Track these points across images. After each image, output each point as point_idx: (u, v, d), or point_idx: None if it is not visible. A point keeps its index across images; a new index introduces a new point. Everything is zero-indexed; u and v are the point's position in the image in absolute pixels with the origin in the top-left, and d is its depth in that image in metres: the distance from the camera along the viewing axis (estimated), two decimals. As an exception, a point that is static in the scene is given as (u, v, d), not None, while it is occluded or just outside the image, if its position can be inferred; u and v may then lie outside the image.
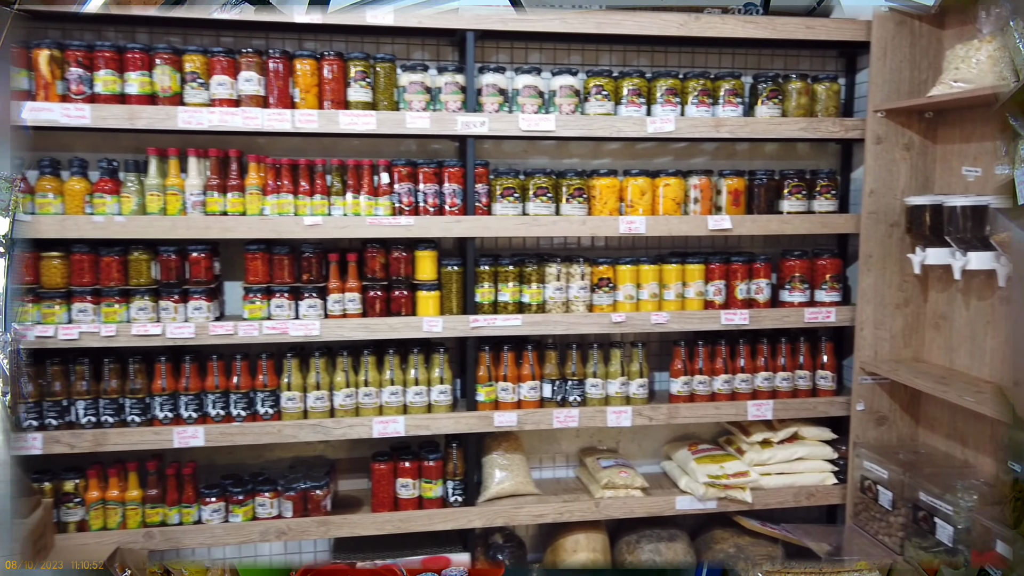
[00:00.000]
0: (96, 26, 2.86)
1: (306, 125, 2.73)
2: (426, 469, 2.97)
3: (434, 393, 2.96)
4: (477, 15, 2.81)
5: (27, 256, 2.67)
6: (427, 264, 2.92)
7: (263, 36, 2.98)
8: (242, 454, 3.14)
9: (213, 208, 2.75)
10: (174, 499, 2.81)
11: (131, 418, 2.76)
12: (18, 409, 2.70)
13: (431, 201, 2.89)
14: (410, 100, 2.85)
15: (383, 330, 2.86)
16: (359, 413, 2.92)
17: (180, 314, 2.76)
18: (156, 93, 2.69)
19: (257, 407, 2.84)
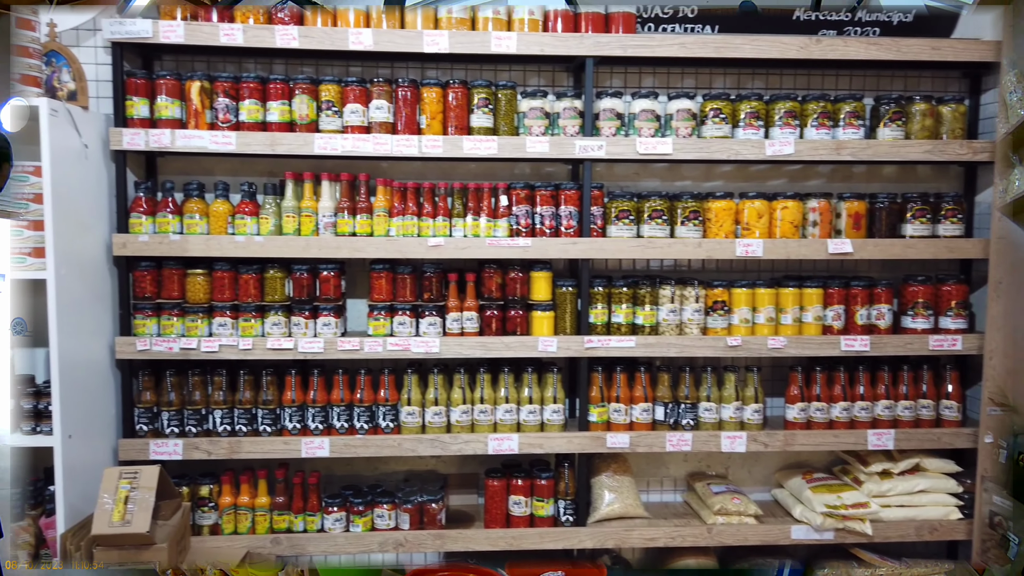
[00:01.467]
0: (236, 58, 3.06)
1: (432, 150, 2.84)
2: (538, 487, 3.00)
3: (547, 412, 3.00)
4: (597, 42, 2.87)
5: (174, 273, 2.86)
6: (542, 285, 2.98)
7: (388, 65, 3.13)
8: (359, 466, 3.25)
9: (343, 229, 2.88)
10: (299, 507, 2.94)
11: (263, 428, 2.91)
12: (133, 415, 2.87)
13: (548, 223, 2.95)
14: (530, 125, 2.92)
15: (499, 349, 2.92)
16: (474, 429, 2.98)
17: (310, 329, 2.90)
18: (294, 120, 2.85)
19: (379, 421, 2.94)
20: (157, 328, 2.84)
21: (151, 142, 2.75)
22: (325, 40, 2.78)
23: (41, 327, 2.68)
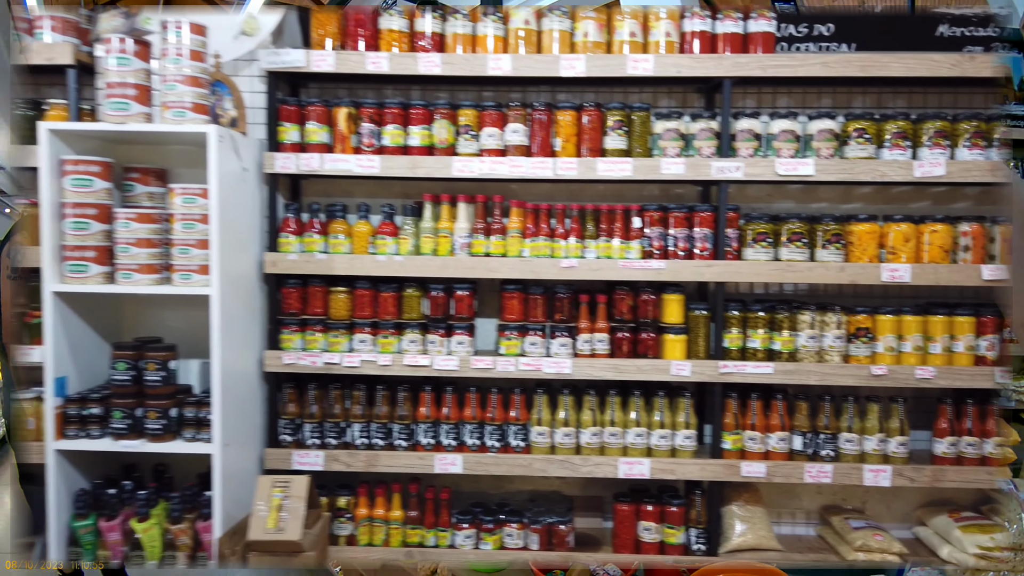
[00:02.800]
0: (376, 84, 3.18)
1: (566, 172, 2.86)
2: (669, 514, 2.95)
3: (679, 438, 2.95)
4: (736, 63, 2.84)
5: (318, 290, 2.98)
6: (675, 308, 2.94)
7: (520, 89, 3.18)
8: (485, 483, 3.28)
9: (478, 250, 2.94)
10: (431, 522, 2.99)
11: (398, 442, 2.98)
12: (277, 425, 2.99)
13: (681, 245, 2.92)
14: (664, 147, 2.91)
15: (631, 371, 2.90)
16: (604, 452, 2.96)
17: (444, 347, 2.96)
18: (434, 144, 2.94)
19: (509, 439, 2.97)
20: (302, 343, 2.97)
21: (301, 165, 2.90)
22: (465, 67, 2.86)
23: (193, 339, 2.85)
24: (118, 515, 2.68)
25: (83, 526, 2.66)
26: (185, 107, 2.56)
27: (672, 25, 2.88)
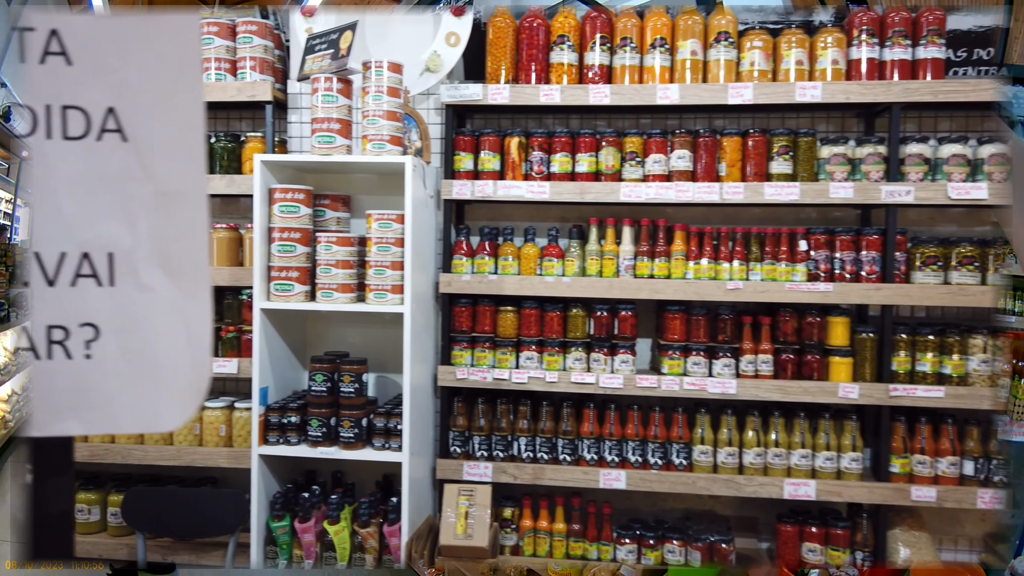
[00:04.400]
0: (537, 114, 3.34)
1: (733, 196, 2.94)
2: (833, 536, 2.95)
3: (844, 460, 2.95)
4: (906, 88, 2.86)
5: (487, 309, 3.14)
6: (840, 330, 2.96)
7: (676, 116, 3.29)
8: (638, 499, 3.35)
9: (642, 271, 3.04)
10: (594, 536, 3.08)
11: (563, 457, 3.09)
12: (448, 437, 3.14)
13: (848, 268, 2.94)
14: (831, 171, 2.95)
15: (797, 393, 2.94)
16: (767, 473, 3.00)
17: (608, 366, 3.07)
18: (600, 171, 3.07)
19: (672, 457, 3.04)
20: (471, 359, 3.13)
21: (476, 192, 3.07)
22: (634, 96, 2.99)
23: (367, 354, 3.05)
24: (311, 517, 2.88)
25: (280, 527, 2.87)
26: (384, 139, 2.77)
27: (839, 52, 2.93)
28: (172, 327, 0.93)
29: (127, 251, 0.92)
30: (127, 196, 0.91)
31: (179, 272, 0.92)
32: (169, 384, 0.93)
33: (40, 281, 0.90)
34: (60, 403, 0.92)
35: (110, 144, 0.91)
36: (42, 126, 0.90)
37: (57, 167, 0.89)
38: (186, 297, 0.93)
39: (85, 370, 0.92)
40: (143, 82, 0.91)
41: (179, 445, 3.22)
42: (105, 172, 0.91)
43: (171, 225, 0.92)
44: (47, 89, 0.90)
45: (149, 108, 0.91)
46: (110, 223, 0.91)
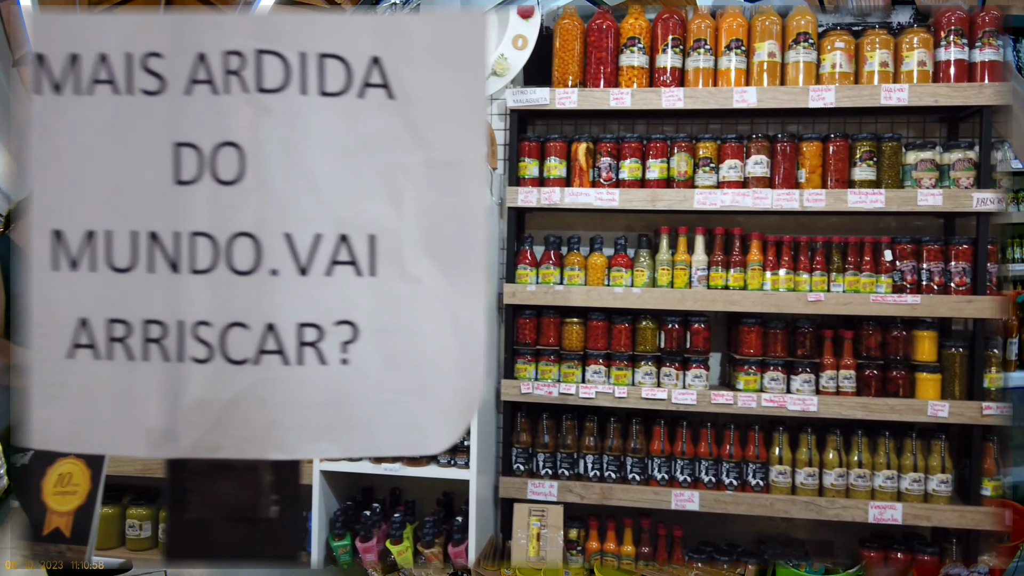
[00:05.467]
0: (601, 119, 3.23)
1: (814, 204, 2.81)
2: (920, 562, 2.79)
3: (932, 482, 2.79)
4: (999, 91, 2.72)
5: (552, 321, 3.03)
6: (928, 345, 2.81)
7: (747, 121, 3.16)
8: (705, 523, 3.20)
9: (716, 282, 2.91)
10: (664, 559, 2.94)
11: (632, 476, 2.96)
12: (511, 454, 3.02)
13: (936, 279, 2.80)
14: (919, 177, 2.81)
15: (883, 411, 2.79)
16: (849, 495, 2.84)
17: (680, 381, 2.94)
18: (672, 177, 2.95)
19: (747, 478, 2.89)
20: (535, 372, 3.01)
21: (542, 199, 2.97)
22: (709, 100, 2.87)
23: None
24: (372, 536, 2.77)
25: (341, 546, 2.76)
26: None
27: (926, 54, 2.80)
28: (440, 327, 0.77)
29: (392, 233, 0.76)
30: (393, 166, 0.75)
31: (451, 260, 0.77)
32: (436, 397, 0.78)
33: (291, 268, 0.75)
34: (314, 420, 0.76)
35: (374, 101, 0.75)
36: (296, 78, 0.74)
37: (312, 129, 0.74)
38: (457, 291, 0.77)
39: (342, 379, 0.76)
40: (415, 26, 0.75)
41: (233, 459, 3.12)
42: (367, 136, 0.75)
43: (444, 202, 0.76)
44: (303, 33, 0.74)
45: (422, 59, 0.75)
46: (373, 199, 0.75)
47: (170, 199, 0.75)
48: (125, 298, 0.76)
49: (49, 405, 0.77)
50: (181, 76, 0.75)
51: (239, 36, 0.74)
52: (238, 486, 0.78)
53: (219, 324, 0.75)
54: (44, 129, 0.76)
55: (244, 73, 0.74)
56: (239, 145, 0.74)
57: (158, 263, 0.76)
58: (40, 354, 0.77)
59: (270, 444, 0.76)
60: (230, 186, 0.75)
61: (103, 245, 0.76)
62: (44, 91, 0.76)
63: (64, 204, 0.76)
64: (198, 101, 0.75)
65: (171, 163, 0.76)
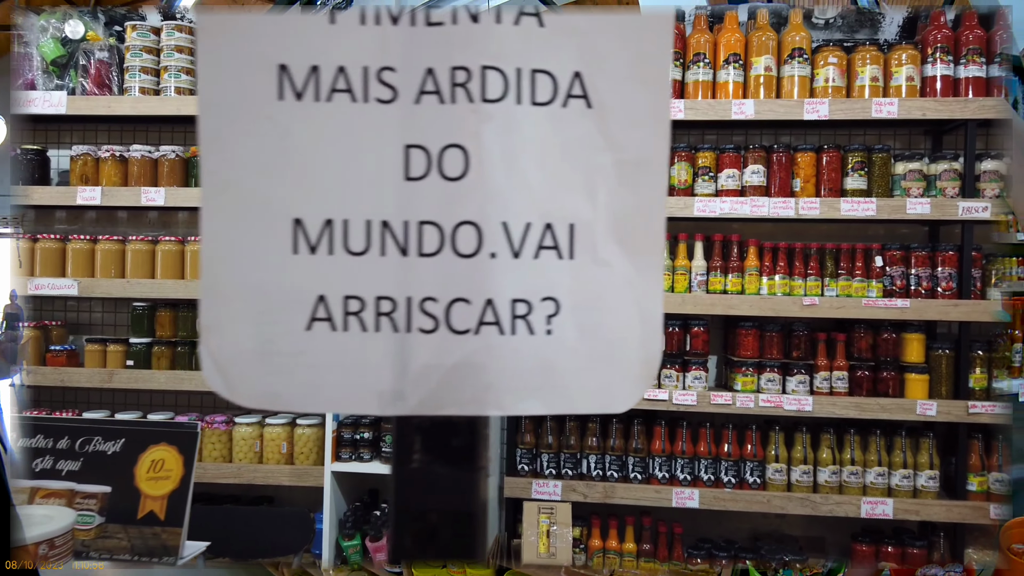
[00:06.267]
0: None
1: (809, 212, 2.93)
2: (910, 555, 2.91)
3: (921, 478, 2.92)
4: (982, 106, 2.87)
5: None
6: (916, 346, 2.94)
7: (742, 132, 3.28)
8: (702, 520, 3.30)
9: (715, 287, 3.02)
10: (664, 556, 3.03)
11: (634, 475, 3.05)
12: (515, 455, 3.10)
13: (924, 284, 2.93)
14: (907, 187, 2.95)
15: (874, 410, 2.91)
16: (843, 491, 2.96)
17: (680, 382, 3.03)
18: (672, 186, 3.05)
19: (745, 476, 3.00)
20: (540, 375, 3.08)
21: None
22: (709, 111, 2.98)
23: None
24: (382, 536, 2.82)
25: (351, 546, 2.81)
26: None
27: (914, 69, 2.94)
28: (626, 304, 0.88)
29: (587, 223, 0.87)
30: (589, 165, 0.87)
31: (635, 246, 0.87)
32: (622, 363, 0.88)
33: (507, 252, 0.86)
34: (523, 382, 0.87)
35: (575, 110, 0.86)
36: (513, 90, 0.85)
37: (525, 134, 0.85)
38: (639, 272, 0.88)
39: (547, 347, 0.87)
40: (611, 45, 0.86)
41: (239, 463, 3.15)
42: (568, 140, 0.86)
43: (630, 196, 0.87)
44: (519, 52, 0.85)
45: (616, 72, 0.86)
46: (572, 193, 0.87)
47: (400, 193, 0.86)
48: (359, 277, 0.86)
49: (287, 372, 0.87)
50: (412, 87, 0.86)
51: (467, 53, 0.83)
52: (457, 436, 0.88)
53: (444, 299, 0.86)
54: (285, 130, 0.86)
55: (470, 86, 0.85)
56: (464, 147, 0.85)
57: (389, 247, 0.86)
58: (281, 327, 0.87)
59: (487, 402, 0.87)
60: (455, 182, 0.85)
61: (340, 232, 0.86)
62: (287, 97, 0.86)
63: (303, 196, 0.86)
64: (427, 109, 0.86)
65: (401, 162, 0.86)
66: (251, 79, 0.85)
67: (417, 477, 0.89)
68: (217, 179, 0.86)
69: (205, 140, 0.86)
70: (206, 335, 0.86)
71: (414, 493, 0.90)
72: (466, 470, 0.89)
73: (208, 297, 0.87)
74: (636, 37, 0.85)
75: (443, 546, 0.91)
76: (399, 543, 0.90)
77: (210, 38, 0.86)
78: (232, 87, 0.86)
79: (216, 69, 0.86)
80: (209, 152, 0.86)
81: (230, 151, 0.86)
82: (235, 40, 0.85)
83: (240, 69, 0.85)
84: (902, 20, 3.18)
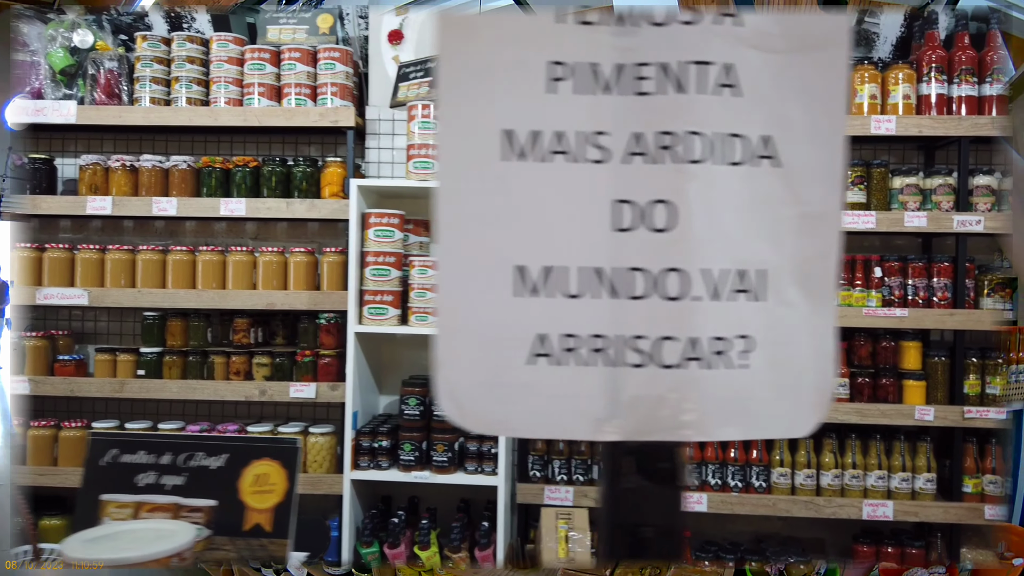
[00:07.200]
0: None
1: (811, 225, 3.03)
2: (909, 556, 3.02)
3: (919, 480, 3.03)
4: (975, 123, 3.00)
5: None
6: (914, 354, 3.06)
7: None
8: (706, 523, 3.38)
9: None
10: (674, 558, 3.10)
11: (643, 480, 3.12)
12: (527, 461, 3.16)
13: (921, 294, 3.05)
14: (904, 200, 3.07)
15: (875, 415, 3.02)
16: (844, 494, 3.06)
17: (688, 390, 3.11)
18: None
19: (751, 480, 3.09)
20: (551, 383, 3.15)
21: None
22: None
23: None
24: (400, 543, 2.86)
25: (369, 552, 2.84)
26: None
27: (911, 88, 3.06)
28: (806, 340, 0.97)
29: (775, 269, 0.96)
30: (776, 218, 0.96)
31: (814, 289, 0.97)
32: (804, 393, 0.98)
33: (707, 295, 0.95)
34: (722, 411, 0.96)
35: (764, 170, 0.96)
36: (712, 152, 0.94)
37: (722, 190, 0.94)
38: (817, 312, 0.97)
39: (741, 379, 0.96)
40: (796, 112, 0.95)
41: (251, 471, 3.16)
42: (758, 195, 0.96)
43: (811, 245, 0.97)
44: (718, 119, 0.94)
45: (801, 136, 0.96)
46: (762, 242, 0.96)
47: (611, 242, 0.96)
48: (575, 318, 0.96)
49: (512, 401, 0.97)
50: (621, 149, 0.95)
51: (674, 120, 0.91)
52: (660, 459, 0.97)
53: (652, 337, 0.95)
54: (509, 187, 0.95)
55: (676, 148, 0.94)
56: (669, 202, 0.95)
57: (602, 291, 0.96)
58: (506, 362, 0.96)
59: (690, 429, 0.96)
60: (662, 233, 0.95)
61: (558, 277, 0.95)
62: (511, 157, 0.94)
63: (526, 245, 0.95)
64: (635, 168, 0.95)
65: (610, 215, 0.96)
66: (481, 143, 0.95)
67: (625, 493, 0.96)
68: (451, 230, 0.96)
69: (442, 195, 0.95)
70: (441, 369, 0.93)
71: (625, 506, 0.96)
72: (669, 488, 0.96)
73: (442, 335, 0.96)
74: (819, 108, 0.94)
75: (652, 550, 0.97)
76: (611, 547, 0.98)
77: (446, 107, 0.96)
78: (465, 150, 0.95)
79: (452, 135, 0.96)
80: (444, 205, 0.96)
81: (462, 205, 0.95)
82: (467, 108, 0.95)
83: (472, 134, 0.93)
84: (895, 39, 3.31)
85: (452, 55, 0.95)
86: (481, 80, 0.95)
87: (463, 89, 0.96)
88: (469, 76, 0.95)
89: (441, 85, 0.97)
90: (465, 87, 0.96)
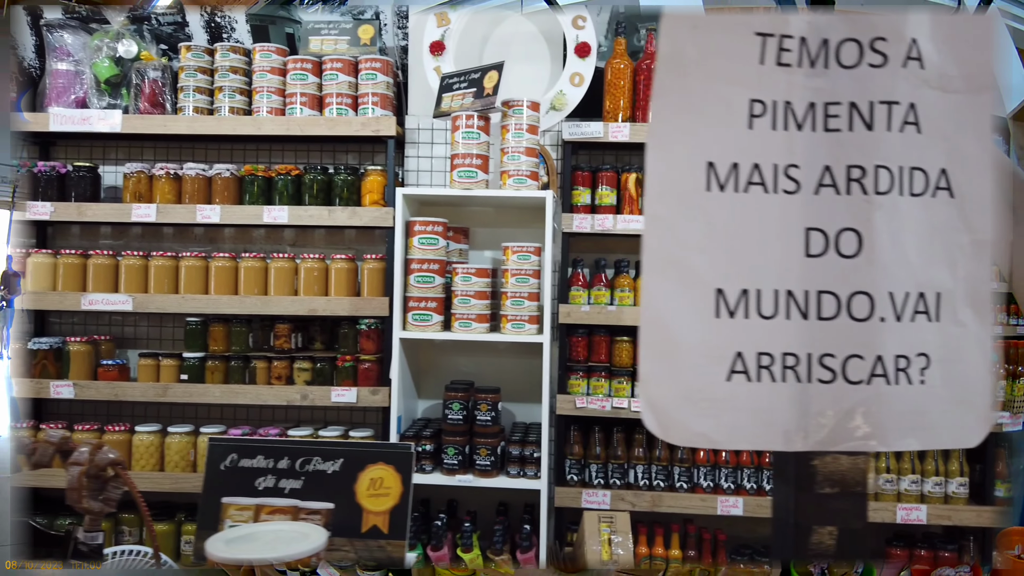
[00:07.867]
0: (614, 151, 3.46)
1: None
2: (942, 559, 3.07)
3: (952, 485, 3.08)
4: (1007, 133, 3.05)
5: (603, 339, 3.23)
6: (946, 360, 3.11)
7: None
8: (739, 526, 3.43)
9: (756, 304, 3.16)
10: (709, 561, 3.15)
11: (680, 484, 3.17)
12: (564, 465, 3.21)
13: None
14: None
15: (908, 420, 3.06)
16: (878, 498, 3.11)
17: (723, 395, 3.16)
18: (715, 206, 3.19)
19: (786, 484, 3.13)
20: (587, 387, 3.20)
21: (596, 225, 3.17)
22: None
23: (487, 382, 3.11)
24: (443, 545, 2.90)
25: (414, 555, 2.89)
26: (524, 175, 2.87)
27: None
28: (976, 357, 1.05)
29: (950, 291, 1.04)
30: (952, 244, 1.04)
31: (982, 310, 1.05)
32: (974, 405, 1.05)
33: (892, 316, 1.03)
34: (903, 423, 1.04)
35: (941, 200, 1.03)
36: (897, 184, 1.03)
37: (905, 219, 1.02)
38: (984, 331, 1.05)
39: (920, 394, 1.03)
40: (970, 146, 1.03)
41: (292, 474, 3.22)
42: (936, 224, 1.03)
43: (980, 269, 1.04)
44: (905, 153, 1.02)
45: (972, 168, 1.04)
46: (939, 267, 1.04)
47: (803, 267, 1.04)
48: (769, 337, 1.04)
49: (712, 416, 1.04)
50: (812, 180, 1.04)
51: (863, 155, 0.97)
52: (850, 467, 1.05)
53: (841, 355, 1.03)
54: (711, 215, 1.04)
55: (864, 181, 1.02)
56: (857, 231, 1.03)
57: (793, 312, 1.04)
58: (706, 378, 1.04)
59: (874, 439, 1.04)
60: (850, 259, 1.03)
61: (754, 299, 1.02)
62: (713, 188, 1.02)
63: (724, 269, 1.02)
64: (825, 199, 1.04)
65: (802, 242, 1.04)
66: (688, 174, 1.03)
67: (813, 499, 1.02)
68: (657, 255, 1.03)
69: (649, 221, 1.04)
70: (644, 384, 1.00)
71: (814, 510, 1.02)
72: (855, 494, 1.02)
73: (647, 353, 1.04)
74: (987, 143, 1.00)
75: (839, 552, 1.04)
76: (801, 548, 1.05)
77: (658, 139, 1.04)
78: (673, 181, 1.03)
79: (662, 166, 1.03)
80: (652, 232, 1.04)
81: (669, 232, 1.03)
82: (677, 142, 1.03)
83: (680, 166, 1.00)
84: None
85: (667, 84, 1.03)
86: (690, 116, 1.02)
87: (674, 124, 1.03)
88: (679, 112, 1.02)
89: (653, 120, 1.04)
90: (675, 122, 1.03)
